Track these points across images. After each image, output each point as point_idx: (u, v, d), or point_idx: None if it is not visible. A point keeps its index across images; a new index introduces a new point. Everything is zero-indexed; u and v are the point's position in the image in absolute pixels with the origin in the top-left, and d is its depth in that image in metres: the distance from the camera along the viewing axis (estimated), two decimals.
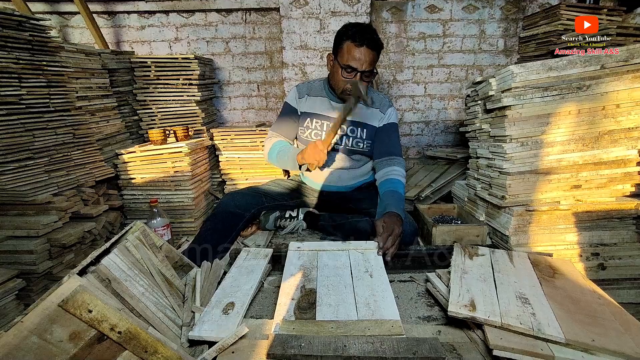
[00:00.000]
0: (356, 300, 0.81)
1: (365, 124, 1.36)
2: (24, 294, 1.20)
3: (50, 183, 1.34)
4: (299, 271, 0.94)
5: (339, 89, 1.28)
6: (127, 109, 2.01)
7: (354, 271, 0.93)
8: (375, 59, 1.24)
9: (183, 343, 0.74)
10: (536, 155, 1.12)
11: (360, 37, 1.18)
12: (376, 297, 0.82)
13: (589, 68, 1.05)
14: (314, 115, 1.39)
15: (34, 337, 0.53)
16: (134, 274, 0.79)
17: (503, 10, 2.20)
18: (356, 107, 1.22)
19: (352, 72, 1.22)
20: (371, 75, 1.26)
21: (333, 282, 0.88)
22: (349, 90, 1.24)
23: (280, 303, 0.80)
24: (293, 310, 0.78)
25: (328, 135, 1.21)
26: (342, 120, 1.20)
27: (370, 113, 1.36)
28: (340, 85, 1.27)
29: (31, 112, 1.31)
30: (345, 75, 1.23)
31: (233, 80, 2.36)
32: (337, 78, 1.26)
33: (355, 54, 1.19)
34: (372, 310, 0.77)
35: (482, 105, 1.31)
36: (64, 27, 2.22)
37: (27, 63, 1.29)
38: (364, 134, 1.36)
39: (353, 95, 1.20)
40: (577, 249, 1.15)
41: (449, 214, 1.52)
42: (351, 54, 1.20)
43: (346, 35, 1.21)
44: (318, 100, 1.39)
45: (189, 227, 1.74)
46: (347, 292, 0.84)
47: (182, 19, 2.24)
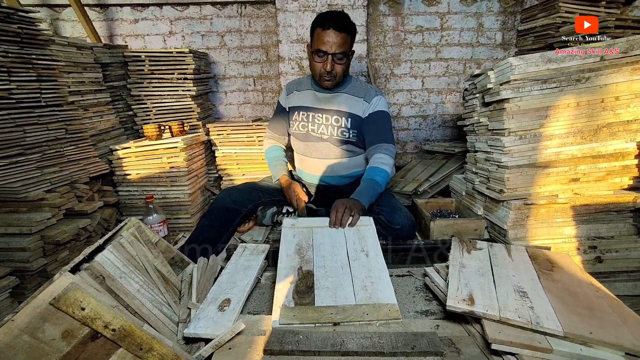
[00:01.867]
0: (353, 283, 0.81)
1: (350, 113, 1.37)
2: (18, 291, 1.18)
3: (43, 179, 1.32)
4: (294, 251, 0.94)
5: (316, 74, 1.33)
6: (122, 104, 1.98)
7: (349, 251, 0.93)
8: (345, 41, 1.26)
9: (179, 340, 0.73)
10: (534, 149, 1.11)
11: (326, 21, 1.23)
12: (372, 278, 0.82)
13: (588, 60, 1.04)
14: (300, 108, 1.42)
15: (25, 335, 0.52)
16: (129, 270, 0.77)
17: (501, 3, 2.18)
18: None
19: (323, 55, 1.26)
20: (344, 58, 1.29)
21: (329, 263, 0.88)
22: (326, 76, 1.30)
23: (278, 289, 0.79)
24: (292, 295, 0.78)
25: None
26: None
27: (354, 102, 1.37)
28: (315, 70, 1.31)
29: (21, 107, 1.28)
30: (317, 59, 1.28)
31: (229, 75, 2.33)
32: (312, 65, 1.32)
33: (324, 37, 1.23)
34: (369, 293, 0.77)
35: (480, 99, 1.29)
36: (55, 20, 2.17)
37: (16, 56, 1.26)
38: (348, 122, 1.37)
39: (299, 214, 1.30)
40: (575, 242, 1.15)
41: (447, 208, 1.51)
42: (320, 38, 1.24)
43: (316, 22, 1.27)
44: (304, 94, 1.43)
45: (185, 223, 1.73)
46: (344, 274, 0.84)
47: (177, 12, 2.19)
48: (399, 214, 1.22)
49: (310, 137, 1.41)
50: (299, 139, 1.46)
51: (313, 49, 1.28)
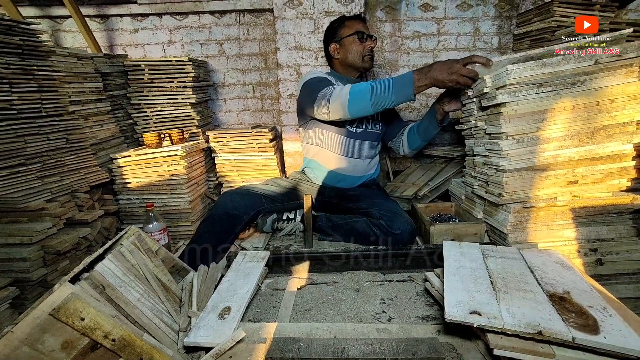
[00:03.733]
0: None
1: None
2: (18, 302, 1.18)
3: (43, 189, 1.33)
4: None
5: (360, 55, 1.41)
6: (122, 113, 1.99)
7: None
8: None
9: (180, 349, 0.73)
10: (532, 152, 1.11)
11: (352, 16, 1.43)
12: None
13: (582, 63, 1.05)
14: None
15: (25, 347, 0.52)
16: (129, 279, 0.77)
17: (497, 8, 2.20)
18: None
19: (363, 35, 1.39)
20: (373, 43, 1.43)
21: None
22: (369, 55, 1.41)
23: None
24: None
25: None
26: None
27: None
28: (359, 51, 1.40)
29: (22, 118, 1.29)
30: (358, 41, 1.39)
31: (228, 82, 2.35)
32: (354, 48, 1.40)
33: (358, 24, 1.39)
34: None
35: (477, 103, 1.30)
36: (56, 31, 2.20)
37: (18, 68, 1.27)
38: (378, 114, 1.47)
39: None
40: (575, 244, 1.15)
41: (446, 212, 1.51)
42: (355, 25, 1.39)
43: (341, 19, 1.42)
44: (338, 85, 1.38)
45: (185, 230, 1.73)
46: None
47: (176, 21, 2.22)
48: (399, 219, 1.22)
49: (344, 131, 1.43)
50: (330, 131, 1.43)
51: (352, 33, 1.39)
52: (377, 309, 0.88)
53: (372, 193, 1.42)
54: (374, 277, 1.04)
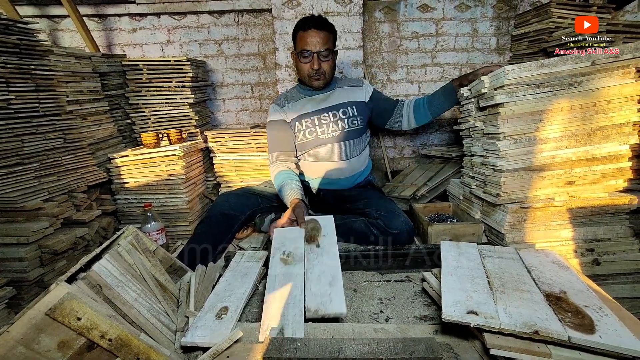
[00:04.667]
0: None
1: (353, 101, 1.44)
2: (15, 302, 1.17)
3: (40, 189, 1.32)
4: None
5: (305, 76, 1.38)
6: (120, 113, 1.99)
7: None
8: (327, 39, 1.32)
9: (177, 349, 0.73)
10: (530, 152, 1.12)
11: (306, 22, 1.30)
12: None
13: (579, 64, 1.05)
14: (301, 117, 1.42)
15: (20, 347, 0.52)
16: (127, 279, 0.77)
17: (495, 9, 2.21)
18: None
19: (308, 55, 1.32)
20: (329, 56, 1.35)
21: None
22: (315, 75, 1.35)
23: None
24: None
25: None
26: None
27: (351, 91, 1.46)
28: (304, 71, 1.36)
29: (20, 117, 1.29)
30: (303, 60, 1.33)
31: (226, 82, 2.34)
32: (300, 67, 1.37)
33: (306, 38, 1.29)
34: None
35: (475, 103, 1.31)
36: (54, 30, 2.19)
37: (15, 67, 1.27)
38: (354, 110, 1.44)
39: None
40: (572, 244, 1.15)
41: (444, 212, 1.52)
42: (303, 39, 1.30)
43: (297, 27, 1.34)
44: (299, 103, 1.45)
45: (183, 230, 1.72)
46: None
47: (174, 21, 2.22)
48: (397, 219, 1.22)
49: (319, 140, 1.41)
50: (306, 148, 1.44)
51: (298, 50, 1.33)
52: (375, 308, 0.88)
53: (369, 193, 1.42)
54: (371, 277, 1.05)
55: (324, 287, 0.79)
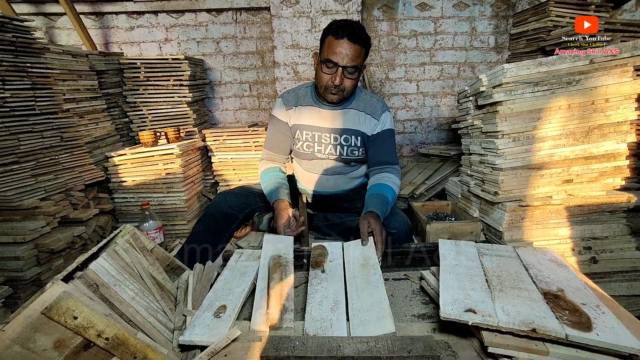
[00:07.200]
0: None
1: (359, 132, 1.28)
2: (11, 301, 1.17)
3: (37, 187, 1.31)
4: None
5: (321, 86, 1.20)
6: (117, 111, 1.98)
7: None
8: (359, 55, 1.15)
9: (174, 347, 0.73)
10: (528, 151, 1.12)
11: (341, 30, 1.12)
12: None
13: (578, 63, 1.06)
14: (303, 127, 1.31)
15: (16, 346, 0.52)
16: (124, 278, 0.77)
17: (493, 8, 2.21)
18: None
19: (333, 67, 1.14)
20: (355, 72, 1.17)
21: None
22: (332, 89, 1.18)
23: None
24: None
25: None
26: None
27: (363, 120, 1.28)
28: (322, 82, 1.19)
29: (16, 115, 1.28)
30: (325, 70, 1.16)
31: (225, 81, 2.34)
32: (319, 75, 1.19)
33: (335, 47, 1.12)
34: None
35: (473, 102, 1.31)
36: (50, 28, 2.18)
37: (11, 65, 1.26)
38: (357, 141, 1.28)
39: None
40: (570, 243, 1.16)
41: (443, 211, 1.52)
42: (331, 48, 1.12)
43: (329, 30, 1.15)
44: (307, 111, 1.30)
45: (181, 229, 1.72)
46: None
47: (172, 19, 2.21)
48: (396, 219, 1.22)
49: (315, 156, 1.33)
50: (302, 157, 1.37)
51: (322, 58, 1.16)
52: None
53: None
54: None
55: (325, 312, 0.79)
